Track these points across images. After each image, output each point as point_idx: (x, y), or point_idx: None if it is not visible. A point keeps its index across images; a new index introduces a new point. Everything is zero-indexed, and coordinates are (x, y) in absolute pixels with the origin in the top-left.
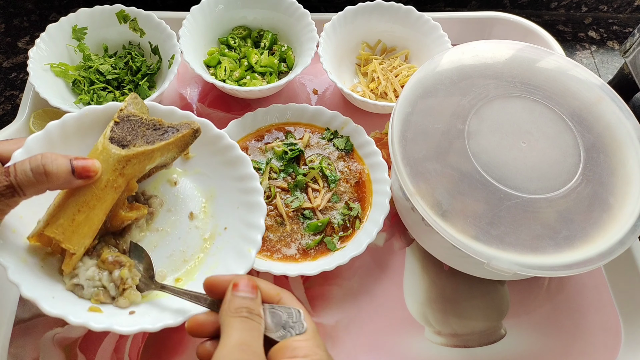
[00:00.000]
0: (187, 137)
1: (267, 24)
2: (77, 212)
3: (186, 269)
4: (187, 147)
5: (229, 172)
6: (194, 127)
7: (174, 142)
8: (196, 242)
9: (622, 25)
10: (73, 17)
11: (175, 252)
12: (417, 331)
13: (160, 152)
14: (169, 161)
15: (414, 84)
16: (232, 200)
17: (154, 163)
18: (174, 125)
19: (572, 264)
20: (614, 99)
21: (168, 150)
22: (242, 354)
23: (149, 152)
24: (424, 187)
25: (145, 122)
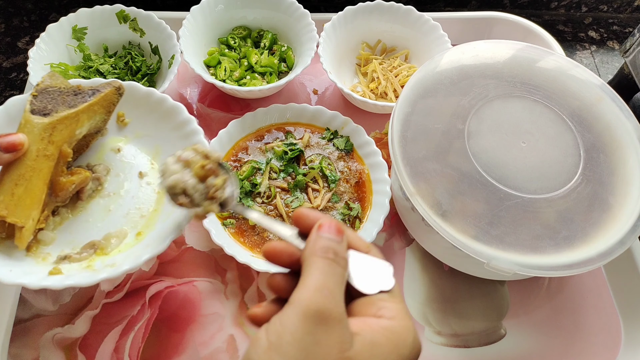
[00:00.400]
0: (111, 96)
1: (267, 24)
2: (15, 186)
3: (145, 222)
4: (114, 106)
5: (167, 125)
6: (115, 85)
7: (98, 102)
8: (150, 197)
9: (622, 25)
10: (73, 17)
11: (131, 210)
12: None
13: (85, 114)
14: (100, 124)
15: (414, 84)
16: (176, 148)
17: (84, 127)
18: (94, 87)
19: (572, 264)
20: (614, 99)
21: (94, 111)
22: (323, 299)
23: (73, 115)
24: (424, 187)
25: (65, 90)
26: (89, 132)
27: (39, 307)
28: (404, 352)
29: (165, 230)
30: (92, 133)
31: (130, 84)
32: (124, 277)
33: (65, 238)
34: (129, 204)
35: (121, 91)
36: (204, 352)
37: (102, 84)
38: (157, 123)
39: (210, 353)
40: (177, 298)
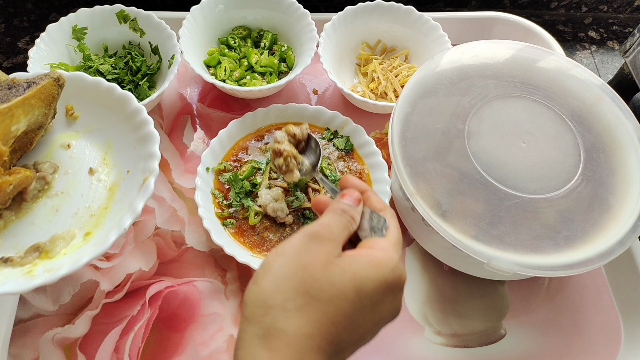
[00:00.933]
0: (49, 88)
1: (267, 24)
2: None
3: (94, 221)
4: (54, 99)
5: (118, 116)
6: (53, 76)
7: (34, 94)
8: (101, 194)
9: (622, 25)
10: (73, 17)
11: (80, 209)
12: (417, 331)
13: (21, 109)
14: (41, 120)
15: (414, 84)
16: (128, 141)
17: (20, 122)
18: (31, 80)
19: (572, 264)
20: (614, 99)
21: (31, 106)
22: (322, 228)
23: (6, 110)
24: (424, 187)
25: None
26: (29, 128)
27: (39, 307)
28: (383, 271)
29: (112, 229)
30: (33, 129)
31: (74, 74)
32: (124, 277)
33: (9, 242)
34: (78, 203)
35: (60, 82)
36: (204, 352)
37: (40, 76)
38: (108, 114)
39: (210, 353)
40: (177, 298)
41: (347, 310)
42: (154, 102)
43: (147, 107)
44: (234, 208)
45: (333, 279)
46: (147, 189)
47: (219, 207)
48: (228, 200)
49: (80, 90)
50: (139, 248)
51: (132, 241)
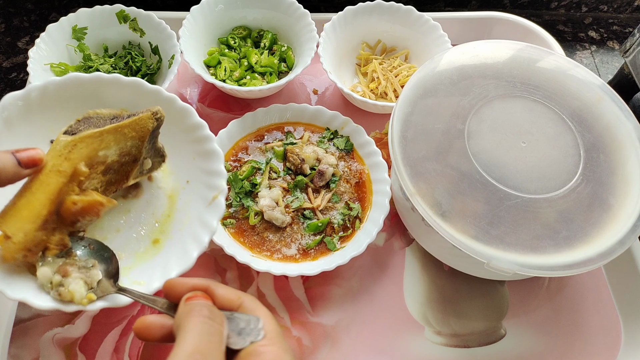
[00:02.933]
0: (145, 120)
1: (267, 24)
2: (19, 197)
3: (159, 229)
4: (148, 132)
5: (176, 127)
6: (152, 110)
7: (128, 124)
8: (163, 201)
9: (622, 25)
10: (73, 17)
11: (144, 216)
12: (417, 331)
13: (112, 135)
14: (134, 152)
15: (414, 84)
16: (187, 152)
17: (110, 149)
18: (134, 113)
19: (572, 264)
20: (614, 99)
21: (123, 135)
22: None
23: (97, 134)
24: (424, 187)
25: (107, 115)
26: (121, 158)
27: None
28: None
29: (186, 242)
30: (128, 162)
31: (135, 81)
32: None
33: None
34: (142, 209)
35: (158, 116)
36: None
37: (143, 111)
38: (165, 125)
39: None
40: None
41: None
42: None
43: None
44: (234, 208)
45: None
46: (218, 206)
47: None
48: (228, 201)
49: (139, 96)
50: None
51: None
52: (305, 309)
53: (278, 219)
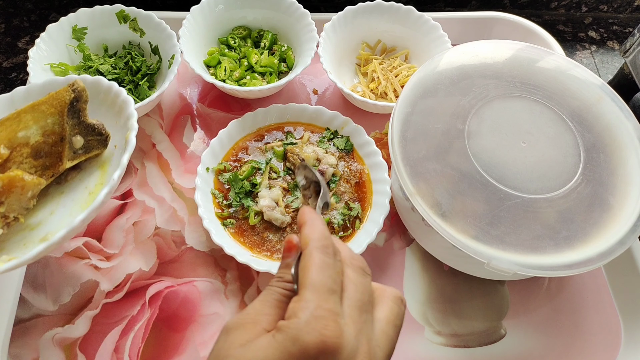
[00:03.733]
0: (62, 94)
1: (267, 24)
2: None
3: (90, 197)
4: (66, 105)
5: (105, 106)
6: (72, 85)
7: (45, 101)
8: (95, 174)
9: (622, 25)
10: (73, 17)
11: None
12: (417, 331)
13: (29, 114)
14: (57, 129)
15: (414, 84)
16: (111, 120)
17: (30, 128)
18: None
19: (572, 264)
20: (614, 99)
21: (41, 112)
22: (237, 318)
23: (14, 115)
24: (424, 187)
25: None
26: (45, 138)
27: (39, 307)
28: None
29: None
30: (55, 141)
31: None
32: (124, 277)
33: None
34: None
35: (75, 87)
36: (204, 352)
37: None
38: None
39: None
40: (177, 298)
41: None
42: (154, 102)
43: (147, 107)
44: (234, 208)
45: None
46: (129, 144)
47: (219, 207)
48: (228, 200)
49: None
50: (139, 248)
51: (132, 241)
52: None
53: (278, 219)
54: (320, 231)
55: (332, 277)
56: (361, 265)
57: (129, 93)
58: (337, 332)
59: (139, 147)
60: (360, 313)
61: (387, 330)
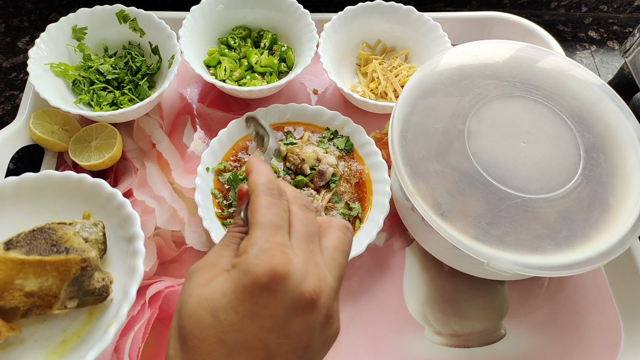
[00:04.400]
0: (71, 264)
1: (267, 24)
2: None
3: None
4: (70, 277)
5: (121, 233)
6: (83, 256)
7: (51, 262)
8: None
9: (622, 25)
10: (73, 17)
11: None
12: (417, 331)
13: (32, 267)
14: (54, 290)
15: (414, 84)
16: (122, 265)
17: (28, 280)
18: (70, 248)
19: (572, 264)
20: (614, 99)
21: (45, 271)
22: (197, 263)
23: (19, 262)
24: (424, 187)
25: (54, 237)
26: (40, 292)
27: None
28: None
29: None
30: (48, 295)
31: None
32: None
33: None
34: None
35: (85, 265)
36: None
37: (79, 249)
38: (114, 228)
39: None
40: (177, 298)
41: (211, 335)
42: (154, 102)
43: (147, 107)
44: (234, 208)
45: (190, 309)
46: (135, 275)
47: (219, 207)
48: (228, 200)
49: (98, 200)
50: None
51: None
52: None
53: None
54: (266, 175)
55: (278, 214)
56: (305, 202)
57: (128, 93)
58: (285, 260)
59: (139, 147)
60: (307, 243)
61: (335, 255)
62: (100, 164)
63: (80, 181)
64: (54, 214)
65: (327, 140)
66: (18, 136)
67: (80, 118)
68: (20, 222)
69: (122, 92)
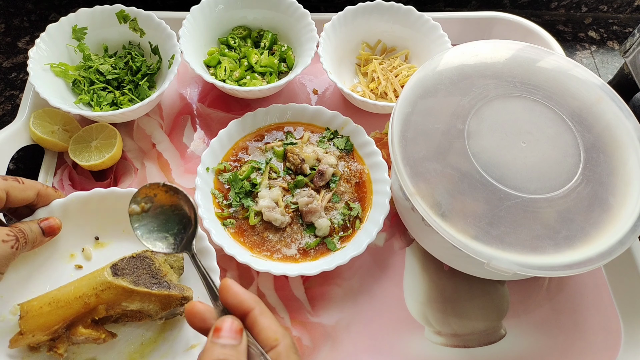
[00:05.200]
0: (173, 299)
1: (267, 24)
2: (47, 304)
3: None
4: (170, 307)
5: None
6: (184, 294)
7: (157, 295)
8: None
9: (622, 25)
10: (73, 17)
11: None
12: (417, 331)
13: (139, 296)
14: (152, 313)
15: (414, 84)
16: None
17: (133, 304)
18: (170, 284)
19: (572, 264)
20: (614, 99)
21: (149, 300)
22: None
23: (129, 290)
24: (424, 187)
25: (153, 268)
26: (139, 310)
27: None
28: None
29: None
30: (144, 314)
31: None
32: None
33: None
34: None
35: (185, 302)
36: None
37: (178, 286)
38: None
39: None
40: None
41: None
42: (154, 102)
43: (147, 107)
44: (234, 208)
45: None
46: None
47: (219, 207)
48: (228, 200)
49: None
50: None
51: None
52: (305, 309)
53: (277, 220)
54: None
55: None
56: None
57: (128, 93)
58: None
59: (139, 147)
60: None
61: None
62: (100, 164)
63: None
64: None
65: (327, 140)
66: (18, 136)
67: (80, 118)
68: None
69: (122, 92)
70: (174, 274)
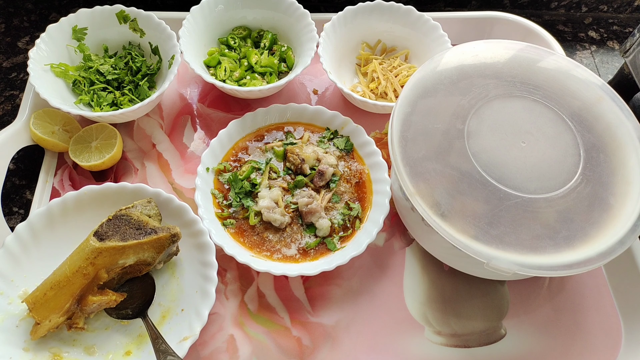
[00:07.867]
0: (164, 240)
1: (267, 24)
2: (50, 289)
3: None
4: (164, 248)
5: (197, 255)
6: (172, 232)
7: (148, 242)
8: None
9: (622, 25)
10: (73, 17)
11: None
12: (417, 331)
13: (133, 249)
14: (149, 260)
15: (414, 84)
16: (194, 283)
17: (129, 258)
18: (155, 228)
19: (572, 264)
20: (614, 99)
21: (142, 249)
22: None
23: (120, 247)
24: (424, 187)
25: (133, 222)
26: (137, 263)
27: None
28: None
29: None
30: (142, 264)
31: (183, 207)
32: None
33: None
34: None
35: (175, 238)
36: (204, 352)
37: (164, 227)
38: (191, 249)
39: (210, 353)
40: None
41: None
42: (154, 102)
43: (147, 107)
44: (234, 208)
45: None
46: (181, 348)
47: (219, 207)
48: (228, 201)
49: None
50: None
51: None
52: (305, 309)
53: (277, 220)
54: None
55: None
56: None
57: (129, 93)
58: None
59: (139, 147)
60: None
61: None
62: (101, 164)
63: (168, 201)
64: None
65: (327, 140)
66: (18, 136)
67: (81, 118)
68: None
69: (122, 92)
70: (155, 221)
